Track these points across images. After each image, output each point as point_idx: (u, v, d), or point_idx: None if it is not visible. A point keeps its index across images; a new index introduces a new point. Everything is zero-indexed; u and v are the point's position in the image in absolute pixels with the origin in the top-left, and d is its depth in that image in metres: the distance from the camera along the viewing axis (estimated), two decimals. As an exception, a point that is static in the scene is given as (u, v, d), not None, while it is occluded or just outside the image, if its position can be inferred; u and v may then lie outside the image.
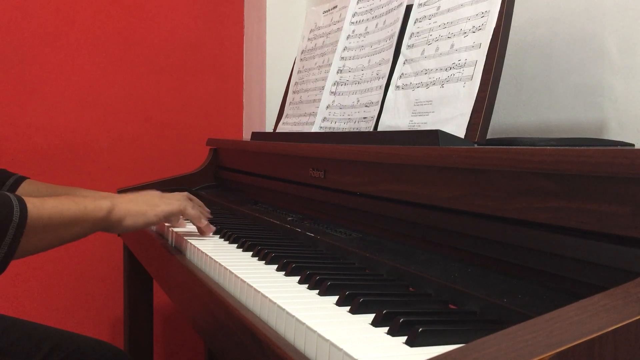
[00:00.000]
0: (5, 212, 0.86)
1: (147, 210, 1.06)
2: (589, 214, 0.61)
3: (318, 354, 0.57)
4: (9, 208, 0.87)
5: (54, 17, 2.08)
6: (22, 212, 0.88)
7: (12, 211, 0.87)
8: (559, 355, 0.38)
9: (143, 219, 1.05)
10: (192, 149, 2.19)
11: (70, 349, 1.19)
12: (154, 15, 2.21)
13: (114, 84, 2.16)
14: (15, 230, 0.87)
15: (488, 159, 0.74)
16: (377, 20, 1.34)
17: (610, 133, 1.07)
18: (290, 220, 1.22)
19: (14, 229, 0.87)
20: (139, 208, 1.05)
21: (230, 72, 2.33)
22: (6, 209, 0.87)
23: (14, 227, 0.87)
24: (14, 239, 0.87)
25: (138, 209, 1.05)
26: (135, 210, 1.04)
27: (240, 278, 0.80)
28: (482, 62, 0.99)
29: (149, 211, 1.06)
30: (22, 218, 0.88)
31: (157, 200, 1.09)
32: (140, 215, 1.04)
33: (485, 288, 0.68)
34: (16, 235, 0.87)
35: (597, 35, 1.10)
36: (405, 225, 0.93)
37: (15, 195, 0.90)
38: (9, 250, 0.87)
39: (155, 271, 1.30)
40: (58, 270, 2.10)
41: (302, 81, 1.58)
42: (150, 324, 1.80)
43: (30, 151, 2.05)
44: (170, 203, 1.10)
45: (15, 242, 0.87)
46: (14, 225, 0.87)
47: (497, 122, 1.26)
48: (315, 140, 1.26)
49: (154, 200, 1.09)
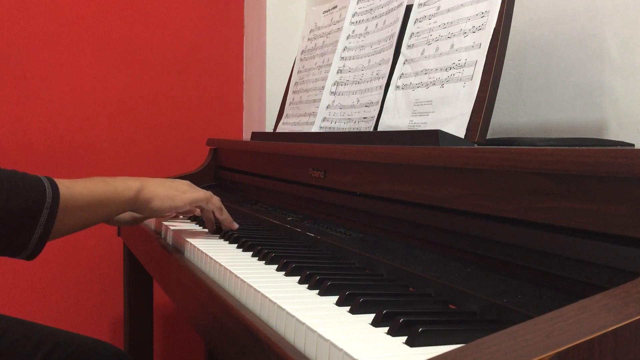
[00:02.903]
0: (38, 193, 0.89)
1: (174, 195, 1.08)
2: (589, 214, 0.61)
3: (318, 354, 0.57)
4: (41, 189, 0.89)
5: (54, 17, 2.08)
6: (55, 193, 0.90)
7: (44, 192, 0.89)
8: (559, 355, 0.38)
9: (170, 202, 1.07)
10: (192, 149, 2.19)
11: (70, 349, 1.19)
12: (154, 15, 2.21)
13: (114, 84, 2.16)
14: (49, 210, 0.89)
15: (488, 159, 0.74)
16: (377, 20, 1.34)
17: (610, 133, 1.07)
18: (290, 220, 1.22)
19: (47, 209, 0.89)
20: (167, 192, 1.07)
21: (230, 72, 2.33)
22: (39, 190, 0.89)
23: (47, 207, 0.89)
24: (48, 219, 0.89)
25: (166, 192, 1.07)
26: (164, 193, 1.06)
27: (241, 278, 0.80)
28: (482, 62, 0.99)
29: (177, 196, 1.08)
30: (55, 198, 0.90)
31: (185, 187, 1.12)
32: (167, 198, 1.07)
33: (485, 288, 0.68)
34: (50, 215, 0.89)
35: (597, 35, 1.10)
36: (405, 225, 0.93)
37: (46, 177, 0.92)
38: (44, 230, 0.89)
39: (155, 271, 1.30)
40: (58, 270, 2.10)
41: (302, 81, 1.58)
42: (150, 324, 1.80)
43: (31, 151, 2.05)
44: (197, 190, 1.13)
45: (50, 222, 0.89)
46: (47, 205, 0.89)
47: (497, 122, 1.26)
48: (315, 140, 1.26)
49: (182, 187, 1.11)
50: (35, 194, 0.88)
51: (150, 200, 1.05)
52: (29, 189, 0.88)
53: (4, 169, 0.90)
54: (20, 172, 0.92)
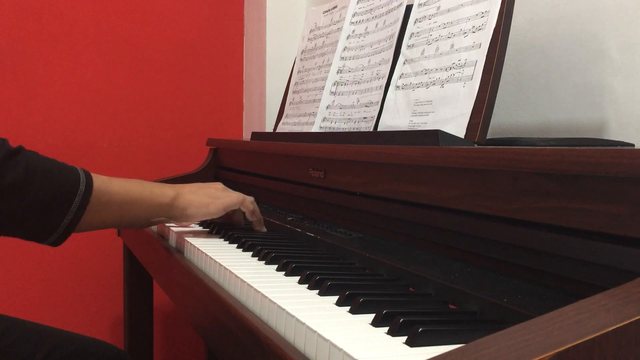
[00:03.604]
0: (73, 180, 0.91)
1: (208, 202, 1.09)
2: (589, 214, 0.61)
3: (318, 354, 0.57)
4: (76, 177, 0.91)
5: (54, 18, 2.08)
6: (88, 183, 0.92)
7: (78, 180, 0.91)
8: (559, 355, 0.38)
9: (205, 210, 1.08)
10: (192, 149, 2.19)
11: (70, 349, 1.19)
12: (154, 15, 2.21)
13: (114, 84, 2.16)
14: (82, 198, 0.91)
15: (488, 159, 0.74)
16: (377, 20, 1.34)
17: (610, 133, 1.07)
18: (290, 220, 1.22)
19: (80, 196, 0.90)
20: (201, 199, 1.08)
21: (230, 72, 2.33)
22: (74, 178, 0.91)
23: (80, 195, 0.91)
24: (80, 207, 0.90)
25: (200, 200, 1.08)
26: (198, 201, 1.07)
27: (241, 278, 0.80)
28: (482, 62, 0.99)
29: (211, 203, 1.09)
30: (88, 187, 0.92)
31: (218, 192, 1.12)
32: (202, 206, 1.08)
33: (485, 288, 0.68)
34: (82, 202, 0.91)
35: (597, 35, 1.10)
36: (405, 225, 0.93)
37: (83, 169, 0.94)
38: (75, 217, 0.90)
39: (155, 271, 1.30)
40: (58, 270, 2.10)
41: (302, 81, 1.58)
42: (150, 324, 1.79)
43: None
44: (230, 195, 1.13)
45: (81, 210, 0.91)
46: (80, 192, 0.91)
47: (497, 122, 1.26)
48: (315, 140, 1.26)
49: (216, 193, 1.11)
50: (70, 180, 0.91)
51: (185, 208, 1.06)
52: (64, 175, 0.91)
53: (43, 156, 0.92)
54: (58, 161, 0.94)
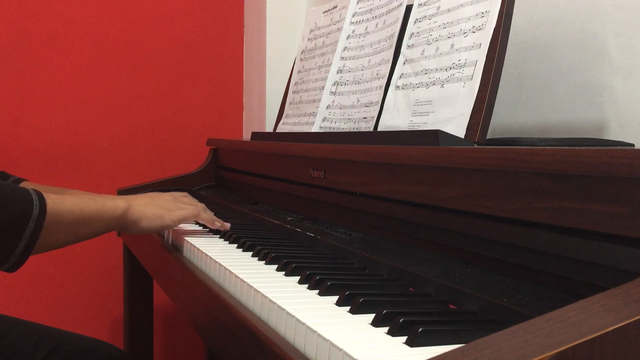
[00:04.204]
0: (25, 205, 0.88)
1: (162, 214, 1.07)
2: (589, 214, 0.61)
3: (318, 354, 0.57)
4: (29, 202, 0.89)
5: (54, 18, 2.07)
6: (42, 207, 0.90)
7: (31, 205, 0.89)
8: (559, 355, 0.38)
9: (159, 222, 1.07)
10: (192, 149, 2.19)
11: (70, 349, 1.19)
12: (154, 15, 2.21)
13: (114, 84, 2.16)
14: (35, 224, 0.88)
15: (488, 159, 0.74)
16: (377, 20, 1.34)
17: (610, 133, 1.07)
18: (290, 220, 1.22)
19: (33, 222, 0.88)
20: (155, 211, 1.06)
21: (230, 72, 2.33)
22: (26, 203, 0.89)
23: (33, 221, 0.88)
24: (34, 232, 0.88)
25: (154, 212, 1.06)
26: (152, 213, 1.06)
27: (241, 278, 0.80)
28: (482, 62, 0.99)
29: (165, 215, 1.07)
30: (42, 212, 0.89)
31: (172, 204, 1.11)
32: (156, 218, 1.06)
33: (485, 288, 0.68)
34: (36, 228, 0.89)
35: (597, 35, 1.10)
36: (405, 225, 0.93)
37: (35, 190, 0.91)
38: (29, 243, 0.88)
39: (155, 271, 1.30)
40: (58, 270, 2.10)
41: (302, 81, 1.58)
42: (150, 324, 1.80)
43: (31, 151, 2.05)
44: (184, 207, 1.11)
45: (34, 236, 0.89)
46: (34, 218, 0.88)
47: (497, 122, 1.26)
48: (315, 140, 1.26)
49: (169, 205, 1.10)
50: (22, 206, 0.88)
51: (138, 220, 1.04)
52: (16, 200, 0.88)
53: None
54: (9, 184, 0.92)
